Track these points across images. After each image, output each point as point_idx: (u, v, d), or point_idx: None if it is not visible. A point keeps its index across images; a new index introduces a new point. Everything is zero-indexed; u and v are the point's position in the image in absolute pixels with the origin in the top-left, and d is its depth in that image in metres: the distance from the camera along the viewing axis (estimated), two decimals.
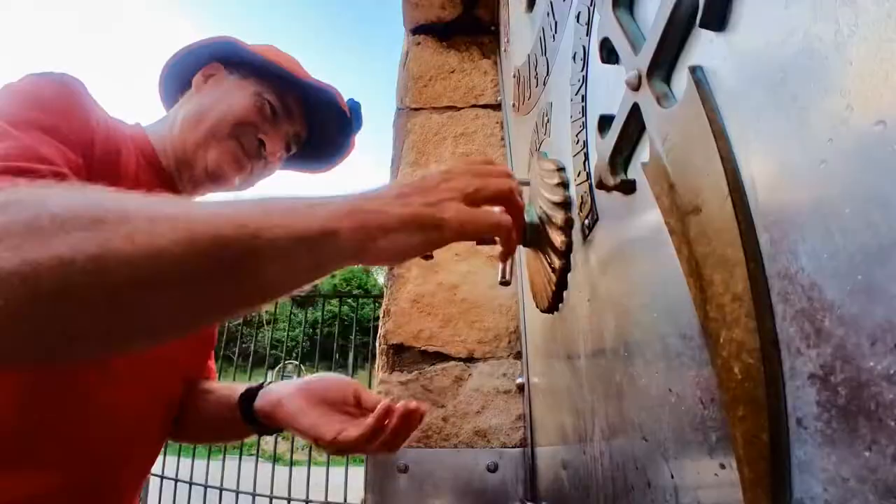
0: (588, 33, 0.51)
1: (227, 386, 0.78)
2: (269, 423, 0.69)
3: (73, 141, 0.53)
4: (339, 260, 0.39)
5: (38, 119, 0.51)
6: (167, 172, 0.70)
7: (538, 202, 0.63)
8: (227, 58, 0.76)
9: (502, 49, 1.25)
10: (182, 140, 0.69)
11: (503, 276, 0.59)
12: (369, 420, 0.61)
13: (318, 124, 0.79)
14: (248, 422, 0.70)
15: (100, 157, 0.57)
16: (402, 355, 1.08)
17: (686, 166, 0.31)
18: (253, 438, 0.87)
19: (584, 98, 0.52)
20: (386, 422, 0.61)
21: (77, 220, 0.31)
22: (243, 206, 0.37)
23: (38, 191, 0.35)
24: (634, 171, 0.41)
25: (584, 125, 0.52)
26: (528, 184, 0.71)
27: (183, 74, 0.77)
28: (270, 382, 0.73)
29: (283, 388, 0.68)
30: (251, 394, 0.71)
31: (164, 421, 0.69)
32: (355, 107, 0.79)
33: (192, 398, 0.74)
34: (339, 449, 0.62)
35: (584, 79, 0.52)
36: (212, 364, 0.84)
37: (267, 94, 0.73)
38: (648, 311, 0.38)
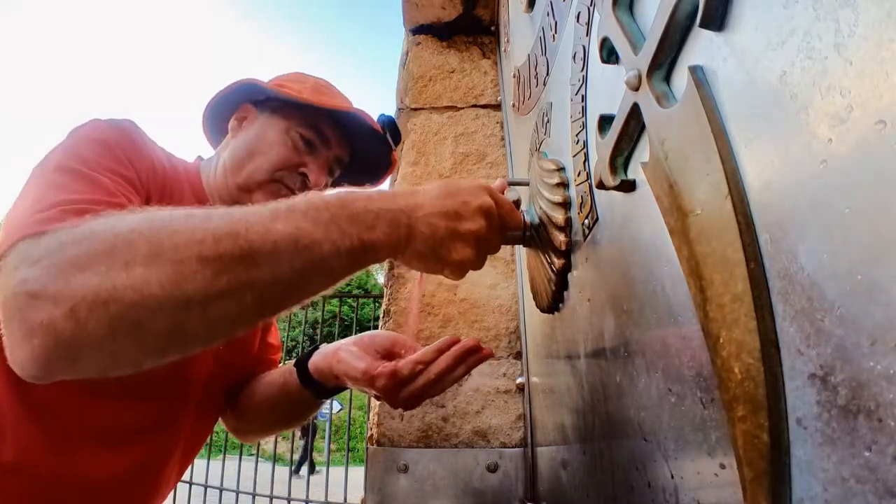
0: (588, 33, 0.51)
1: (280, 368, 0.83)
2: (324, 381, 0.71)
3: (137, 185, 0.59)
4: (372, 263, 0.47)
5: (108, 163, 0.56)
6: None
7: (538, 202, 0.63)
8: (255, 97, 0.77)
9: (502, 49, 1.25)
10: (225, 185, 0.72)
11: None
12: (432, 346, 0.63)
13: (358, 144, 0.81)
14: (305, 384, 0.73)
15: (158, 199, 0.63)
16: None
17: (686, 166, 0.31)
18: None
19: (584, 98, 0.52)
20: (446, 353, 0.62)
21: (144, 247, 0.38)
22: (292, 215, 0.43)
23: (108, 221, 0.41)
24: (634, 171, 0.41)
25: (584, 125, 0.52)
26: (527, 184, 0.71)
27: (221, 118, 0.80)
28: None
29: (337, 343, 0.72)
30: (306, 357, 0.74)
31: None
32: (389, 122, 0.80)
33: (248, 386, 0.80)
34: (393, 384, 0.61)
35: (584, 79, 0.52)
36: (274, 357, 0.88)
37: (298, 127, 0.74)
38: (648, 311, 0.38)
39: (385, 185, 0.91)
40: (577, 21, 0.55)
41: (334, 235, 0.43)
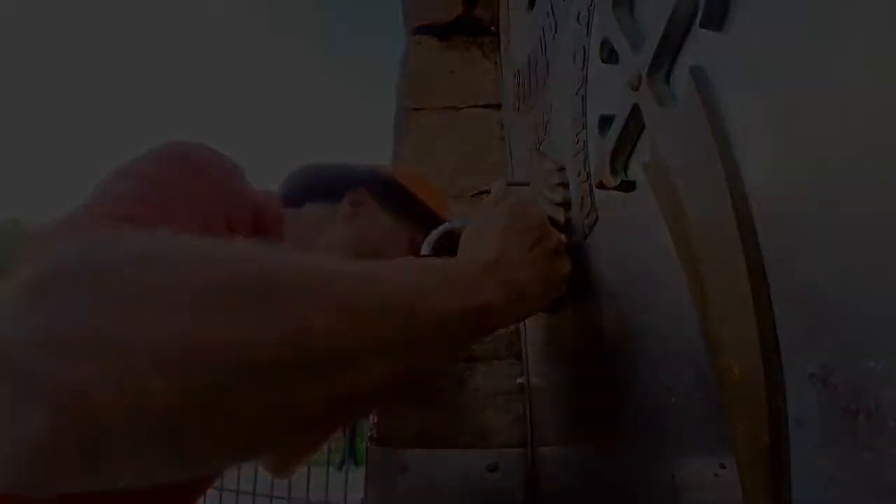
0: (588, 33, 0.51)
1: None
2: None
3: (220, 230, 0.50)
4: (490, 332, 0.42)
5: (201, 197, 0.48)
6: None
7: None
8: (373, 184, 0.71)
9: (502, 49, 1.25)
10: None
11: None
12: None
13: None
14: None
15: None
16: None
17: (686, 166, 0.31)
18: None
19: (584, 98, 0.52)
20: None
21: (255, 282, 0.27)
22: (411, 275, 0.36)
23: (198, 242, 0.29)
24: (634, 172, 0.41)
25: (584, 125, 0.52)
26: (527, 184, 0.71)
27: (319, 184, 0.71)
28: None
29: None
30: None
31: None
32: None
33: None
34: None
35: (584, 79, 0.52)
36: None
37: (418, 237, 0.67)
38: (648, 311, 0.38)
39: None
40: (577, 21, 0.55)
41: (465, 299, 0.38)
